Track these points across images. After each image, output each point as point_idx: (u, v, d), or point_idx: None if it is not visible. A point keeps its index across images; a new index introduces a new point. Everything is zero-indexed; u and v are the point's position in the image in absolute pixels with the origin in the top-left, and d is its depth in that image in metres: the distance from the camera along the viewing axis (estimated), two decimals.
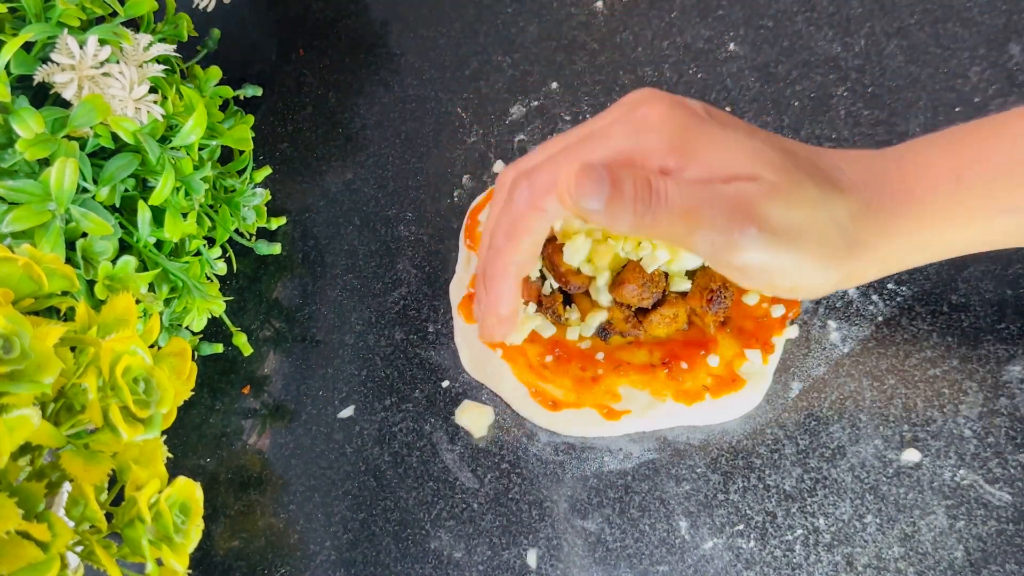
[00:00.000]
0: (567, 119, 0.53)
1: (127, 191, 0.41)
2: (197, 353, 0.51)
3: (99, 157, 0.40)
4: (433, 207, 0.52)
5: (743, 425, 0.42)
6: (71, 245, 0.38)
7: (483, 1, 0.59)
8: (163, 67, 0.41)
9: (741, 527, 0.39)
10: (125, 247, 0.42)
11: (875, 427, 0.40)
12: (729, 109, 0.50)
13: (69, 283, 0.31)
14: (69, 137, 0.37)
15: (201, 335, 0.51)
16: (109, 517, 0.30)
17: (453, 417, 0.46)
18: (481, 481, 0.43)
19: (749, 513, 0.40)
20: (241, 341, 0.49)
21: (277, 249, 0.54)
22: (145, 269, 0.42)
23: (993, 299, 0.41)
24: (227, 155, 0.52)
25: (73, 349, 0.29)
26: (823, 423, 0.41)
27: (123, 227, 0.41)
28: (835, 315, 0.43)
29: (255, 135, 0.51)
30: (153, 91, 0.40)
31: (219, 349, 0.51)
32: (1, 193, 0.35)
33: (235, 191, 0.50)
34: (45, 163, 0.37)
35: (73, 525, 0.28)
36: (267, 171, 0.53)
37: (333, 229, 0.54)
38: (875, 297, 0.43)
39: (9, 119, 0.35)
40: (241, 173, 0.50)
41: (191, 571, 0.45)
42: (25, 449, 0.29)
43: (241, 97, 0.56)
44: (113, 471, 0.30)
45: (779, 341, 0.42)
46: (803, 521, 0.39)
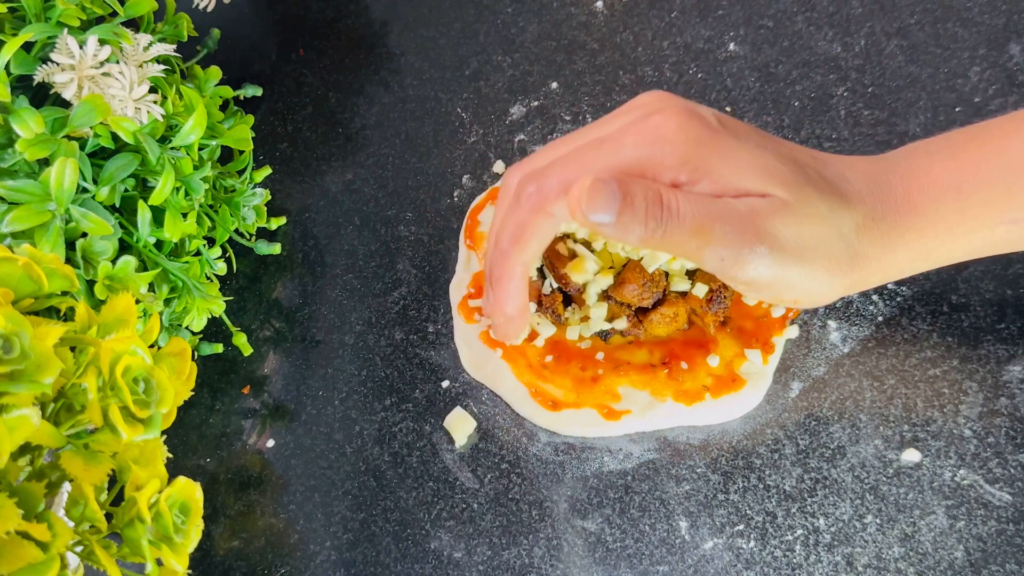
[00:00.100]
0: (567, 119, 0.53)
1: (127, 191, 0.41)
2: (197, 353, 0.51)
3: (99, 157, 0.40)
4: (433, 207, 0.52)
5: (743, 425, 0.42)
6: (71, 245, 0.38)
7: (483, 1, 0.59)
8: (163, 67, 0.41)
9: (741, 527, 0.39)
10: (125, 247, 0.42)
11: (875, 427, 0.40)
12: (729, 109, 0.50)
13: (69, 283, 0.31)
14: (69, 137, 0.37)
15: (201, 335, 0.51)
16: (109, 517, 0.30)
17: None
18: (481, 481, 0.43)
19: (749, 513, 0.40)
20: (241, 341, 0.49)
21: (277, 249, 0.54)
22: (145, 269, 0.42)
23: (993, 299, 0.41)
24: (227, 155, 0.52)
25: (73, 349, 0.29)
26: (823, 423, 0.41)
27: (123, 227, 0.41)
28: (835, 315, 0.43)
29: (255, 135, 0.51)
30: (153, 91, 0.40)
31: (219, 349, 0.51)
32: (1, 193, 0.35)
33: (235, 191, 0.50)
34: (45, 163, 0.37)
35: (73, 525, 0.28)
36: (267, 171, 0.53)
37: (333, 229, 0.54)
38: (875, 297, 0.43)
39: (9, 119, 0.35)
40: (241, 173, 0.50)
41: (191, 571, 0.45)
42: (25, 449, 0.29)
43: (241, 97, 0.56)
44: (113, 471, 0.30)
45: (779, 341, 0.42)
46: (803, 521, 0.39)
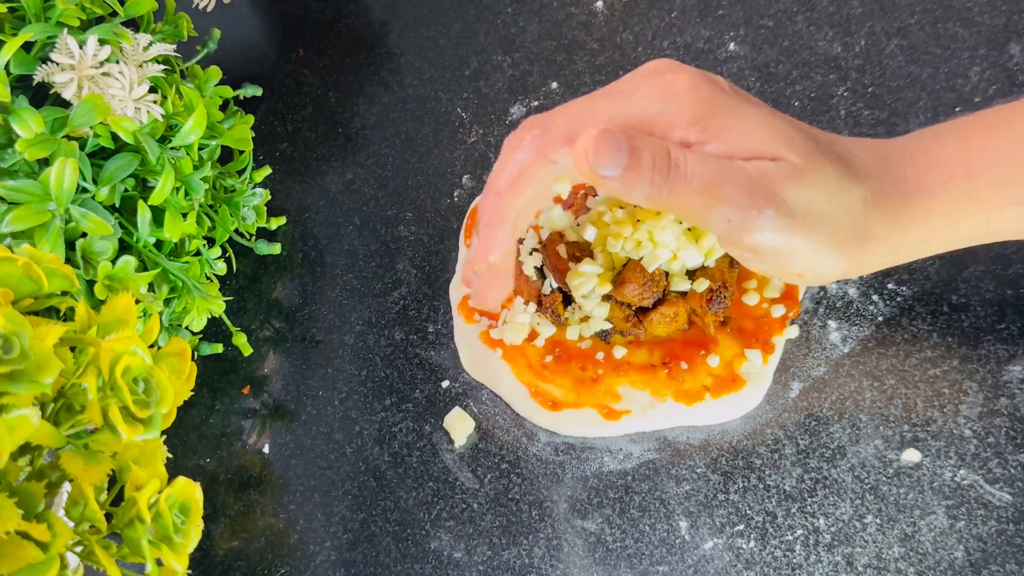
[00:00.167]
0: None
1: (127, 191, 0.41)
2: (197, 353, 0.51)
3: (99, 157, 0.40)
4: (433, 207, 0.52)
5: (743, 425, 0.42)
6: (71, 245, 0.38)
7: (483, 1, 0.59)
8: (163, 67, 0.41)
9: (741, 527, 0.39)
10: (125, 247, 0.42)
11: (875, 427, 0.40)
12: None
13: (69, 283, 0.31)
14: (69, 137, 0.37)
15: (201, 335, 0.51)
16: (109, 517, 0.30)
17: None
18: (481, 481, 0.43)
19: (749, 513, 0.40)
20: (241, 341, 0.49)
21: (277, 249, 0.54)
22: (145, 269, 0.42)
23: (993, 299, 0.41)
24: (227, 155, 0.52)
25: (73, 349, 0.29)
26: (823, 423, 0.41)
27: (123, 227, 0.41)
28: (835, 315, 0.43)
29: (255, 135, 0.51)
30: (153, 91, 0.40)
31: (219, 349, 0.50)
32: (1, 193, 0.35)
33: (235, 191, 0.50)
34: (45, 163, 0.37)
35: (73, 525, 0.28)
36: (267, 171, 0.53)
37: (333, 229, 0.54)
38: (875, 297, 0.43)
39: (9, 119, 0.35)
40: (241, 173, 0.50)
41: (191, 571, 0.45)
42: (25, 449, 0.29)
43: (241, 97, 0.56)
44: (113, 471, 0.30)
45: (779, 341, 0.42)
46: (803, 521, 0.39)
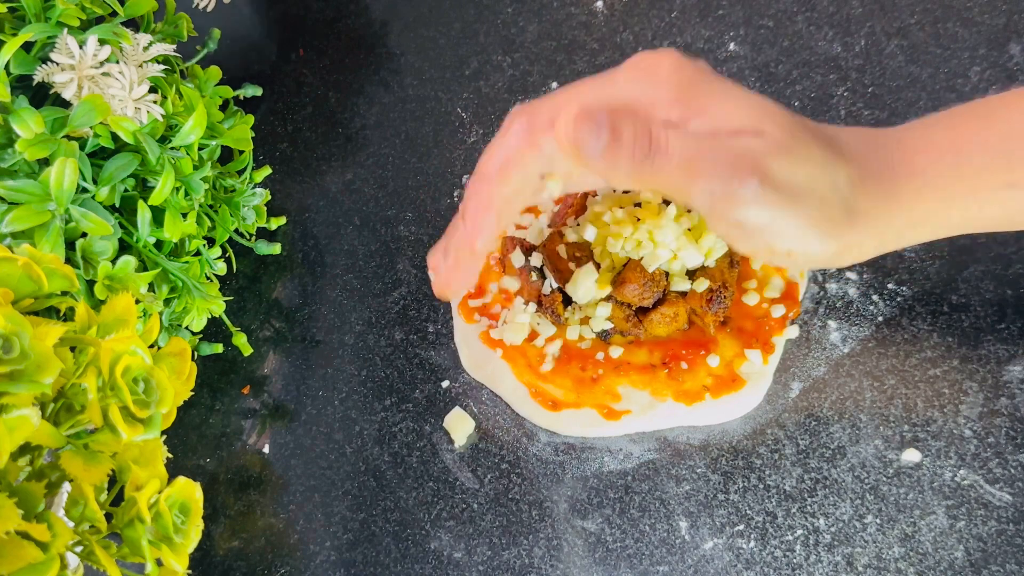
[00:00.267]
0: None
1: (127, 191, 0.41)
2: (197, 353, 0.51)
3: (99, 157, 0.40)
4: (433, 207, 0.52)
5: (743, 425, 0.42)
6: (71, 245, 0.38)
7: (483, 1, 0.59)
8: (163, 67, 0.41)
9: (741, 527, 0.39)
10: (125, 247, 0.42)
11: (875, 427, 0.40)
12: None
13: (69, 283, 0.31)
14: (69, 137, 0.37)
15: (201, 335, 0.51)
16: (109, 517, 0.30)
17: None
18: (481, 481, 0.43)
19: (749, 513, 0.40)
20: (241, 341, 0.49)
21: (277, 249, 0.54)
22: (145, 269, 0.42)
23: (993, 299, 0.41)
24: (227, 155, 0.52)
25: (73, 349, 0.29)
26: (823, 423, 0.41)
27: (123, 227, 0.41)
28: (835, 315, 0.43)
29: (255, 135, 0.51)
30: (153, 91, 0.40)
31: (219, 349, 0.50)
32: (1, 193, 0.35)
33: (235, 191, 0.50)
34: (45, 163, 0.37)
35: (73, 525, 0.28)
36: (267, 171, 0.53)
37: (333, 229, 0.54)
38: (875, 297, 0.43)
39: (9, 119, 0.35)
40: (241, 173, 0.50)
41: (191, 571, 0.45)
42: (25, 449, 0.29)
43: (241, 97, 0.56)
44: (113, 471, 0.30)
45: (779, 341, 0.42)
46: (803, 521, 0.39)
